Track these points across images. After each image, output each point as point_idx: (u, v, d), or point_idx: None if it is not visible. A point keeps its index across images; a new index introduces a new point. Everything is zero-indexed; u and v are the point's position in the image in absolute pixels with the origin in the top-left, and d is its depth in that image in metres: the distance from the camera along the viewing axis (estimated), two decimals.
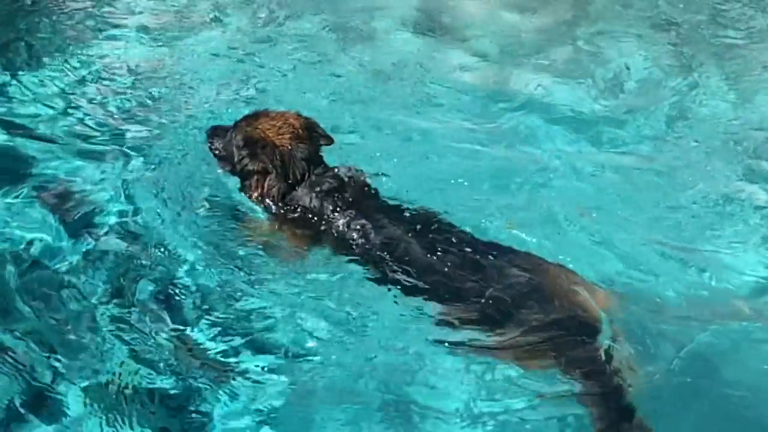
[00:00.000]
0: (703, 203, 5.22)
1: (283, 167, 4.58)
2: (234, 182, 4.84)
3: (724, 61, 6.74)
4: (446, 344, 4.08)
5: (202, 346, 4.17)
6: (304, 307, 4.33)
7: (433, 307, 4.21)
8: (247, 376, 4.06)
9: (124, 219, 4.80)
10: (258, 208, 4.71)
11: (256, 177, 4.65)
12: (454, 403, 3.96)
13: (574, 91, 6.35)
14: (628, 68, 6.64)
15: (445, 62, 6.66)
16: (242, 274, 4.49)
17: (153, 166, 5.20)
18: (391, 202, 4.61)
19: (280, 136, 4.60)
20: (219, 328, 4.24)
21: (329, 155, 4.81)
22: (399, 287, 4.29)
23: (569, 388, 3.90)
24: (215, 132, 4.90)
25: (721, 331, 4.22)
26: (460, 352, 4.06)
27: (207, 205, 4.83)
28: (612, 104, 6.24)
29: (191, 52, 6.60)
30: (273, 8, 7.22)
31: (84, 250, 4.60)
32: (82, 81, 6.08)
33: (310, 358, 4.13)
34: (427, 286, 4.26)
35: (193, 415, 3.92)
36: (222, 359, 4.12)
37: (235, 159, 4.68)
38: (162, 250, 4.62)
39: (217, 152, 4.86)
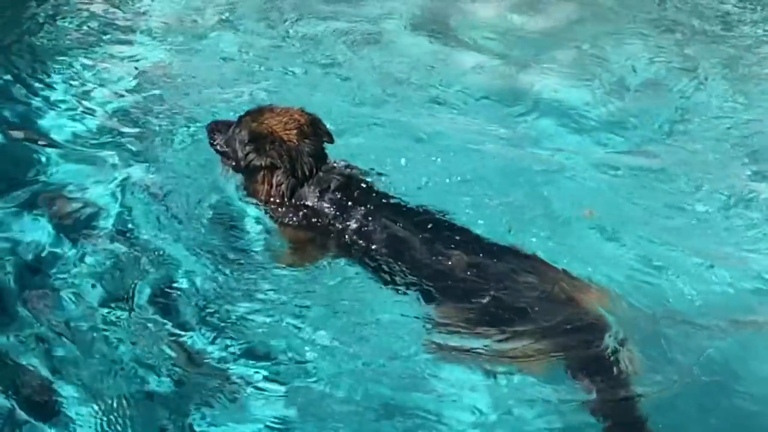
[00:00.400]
0: (714, 205, 5.02)
1: (291, 163, 4.37)
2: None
3: (731, 63, 6.56)
4: (452, 351, 3.90)
5: (203, 352, 4.00)
6: (307, 313, 4.15)
7: (438, 312, 4.04)
8: (249, 383, 3.89)
9: (126, 223, 4.64)
10: (261, 210, 4.52)
11: (262, 173, 4.43)
12: (461, 411, 3.79)
13: (582, 92, 6.18)
14: (634, 70, 6.46)
15: (454, 64, 6.51)
16: (245, 280, 4.31)
17: (156, 170, 5.03)
18: (396, 201, 4.43)
19: (287, 132, 4.40)
20: (221, 334, 4.08)
21: (338, 156, 4.65)
22: (406, 290, 4.11)
23: (579, 396, 3.72)
24: (216, 127, 4.69)
25: (739, 337, 4.02)
26: (466, 359, 3.88)
27: (210, 211, 4.65)
28: (619, 105, 6.07)
29: (200, 55, 6.43)
30: (284, 10, 7.05)
31: (84, 253, 4.44)
32: (86, 84, 5.92)
33: (313, 365, 3.95)
34: (433, 289, 4.08)
35: (194, 420, 3.76)
36: (223, 366, 3.95)
37: (240, 154, 4.46)
38: (164, 254, 4.45)
39: (218, 147, 4.64)
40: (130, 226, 4.60)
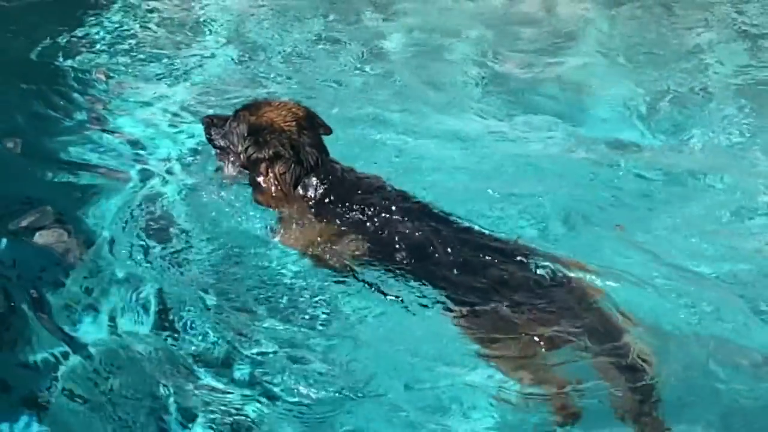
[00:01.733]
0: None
1: (295, 150, 3.98)
2: (251, 209, 4.20)
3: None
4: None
5: (213, 378, 3.54)
6: (321, 338, 3.67)
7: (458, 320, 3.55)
8: (261, 411, 3.40)
9: (139, 243, 4.16)
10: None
11: (264, 164, 4.03)
12: None
13: (622, 98, 5.80)
14: (673, 77, 6.00)
15: (497, 74, 6.11)
16: (255, 302, 3.83)
17: (174, 186, 4.57)
18: (409, 199, 3.99)
19: (287, 124, 4.05)
20: (232, 361, 3.61)
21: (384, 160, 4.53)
22: (425, 304, 3.62)
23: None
24: (212, 121, 4.30)
25: None
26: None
27: (228, 232, 4.18)
28: (661, 113, 5.65)
29: (227, 66, 6.03)
30: (331, 20, 6.70)
31: (95, 272, 4.01)
32: (107, 96, 5.50)
33: (329, 392, 3.45)
34: (456, 298, 3.61)
35: None
36: (233, 393, 3.47)
37: (240, 148, 4.10)
38: (176, 274, 3.98)
39: (216, 142, 4.26)
40: (143, 245, 4.15)
